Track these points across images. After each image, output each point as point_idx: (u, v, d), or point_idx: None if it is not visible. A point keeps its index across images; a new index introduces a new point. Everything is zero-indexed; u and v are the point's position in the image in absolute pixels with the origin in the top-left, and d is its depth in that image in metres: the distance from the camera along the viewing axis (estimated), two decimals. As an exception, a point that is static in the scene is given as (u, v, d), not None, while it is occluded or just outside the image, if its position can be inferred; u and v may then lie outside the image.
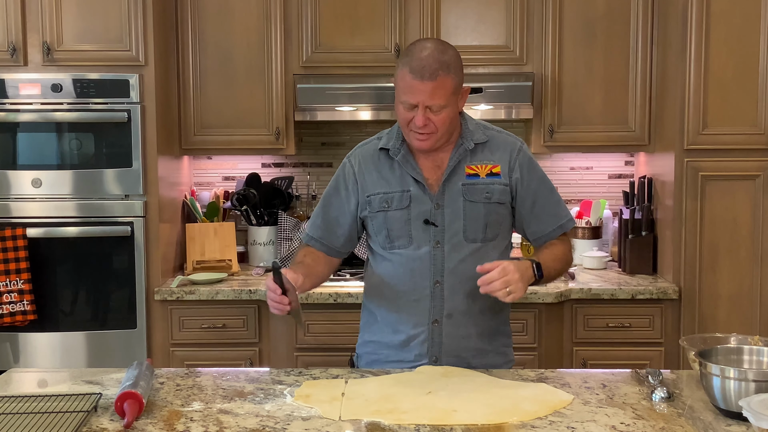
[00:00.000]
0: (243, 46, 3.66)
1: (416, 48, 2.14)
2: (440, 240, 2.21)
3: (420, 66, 2.08)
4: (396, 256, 2.24)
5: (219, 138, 3.70)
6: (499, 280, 2.01)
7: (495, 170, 2.23)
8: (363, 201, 2.27)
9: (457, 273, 2.21)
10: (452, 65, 2.12)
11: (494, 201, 2.22)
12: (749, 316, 3.36)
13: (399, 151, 2.24)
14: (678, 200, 3.38)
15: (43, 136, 3.41)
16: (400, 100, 2.14)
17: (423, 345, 2.23)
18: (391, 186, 2.24)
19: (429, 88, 2.08)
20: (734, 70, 3.30)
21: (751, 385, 1.75)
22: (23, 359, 3.42)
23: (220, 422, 1.82)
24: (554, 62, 3.62)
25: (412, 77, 2.09)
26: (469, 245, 2.21)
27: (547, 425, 1.78)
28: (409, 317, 2.23)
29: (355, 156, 2.32)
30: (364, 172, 2.28)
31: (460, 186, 2.21)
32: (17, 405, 1.91)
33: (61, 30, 3.38)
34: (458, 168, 2.22)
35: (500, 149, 2.25)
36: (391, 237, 2.24)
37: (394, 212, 2.22)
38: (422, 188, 2.21)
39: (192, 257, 3.72)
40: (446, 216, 2.21)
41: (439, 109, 2.11)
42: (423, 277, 2.22)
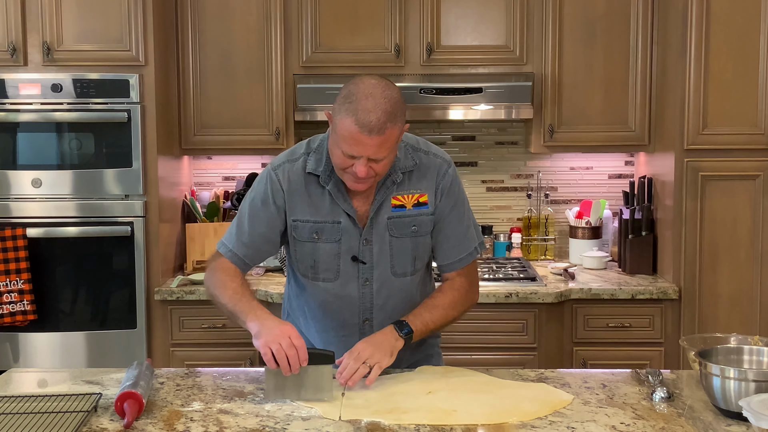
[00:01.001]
0: (243, 46, 3.65)
1: (360, 94, 1.96)
2: (369, 278, 2.15)
3: (367, 120, 1.93)
4: (320, 290, 2.18)
5: (219, 138, 3.69)
6: (353, 365, 1.97)
7: (422, 200, 2.15)
8: (290, 224, 2.15)
9: (386, 309, 2.18)
10: (397, 113, 1.98)
11: (422, 233, 2.16)
12: (749, 316, 3.36)
13: (329, 179, 2.11)
14: (678, 200, 3.38)
15: (43, 136, 3.41)
16: (341, 148, 1.98)
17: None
18: (321, 215, 2.12)
19: (376, 142, 1.94)
20: (734, 70, 3.30)
21: (751, 385, 1.75)
22: (23, 359, 3.42)
23: (220, 422, 1.82)
24: (554, 62, 3.62)
25: (359, 130, 1.93)
26: (398, 280, 2.17)
27: (547, 425, 1.78)
28: (338, 349, 2.11)
29: (284, 172, 2.14)
30: (293, 193, 2.13)
31: (386, 220, 2.13)
32: (17, 405, 1.91)
33: (61, 30, 3.38)
34: (385, 201, 2.13)
35: (427, 176, 2.15)
36: (316, 269, 2.15)
37: (324, 245, 2.13)
38: (352, 221, 2.12)
39: (192, 257, 3.72)
40: (374, 253, 2.14)
41: (382, 160, 2.00)
42: (352, 315, 2.18)
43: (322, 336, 2.23)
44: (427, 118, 3.66)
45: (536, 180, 4.01)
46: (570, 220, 3.89)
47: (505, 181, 4.04)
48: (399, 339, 2.06)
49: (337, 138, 2.00)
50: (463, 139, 4.04)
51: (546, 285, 3.40)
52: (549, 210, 3.98)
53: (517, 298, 3.29)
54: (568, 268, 3.61)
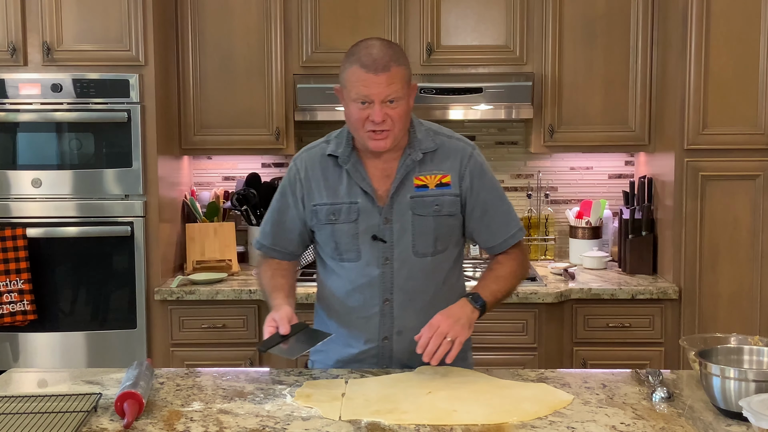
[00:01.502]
0: (243, 46, 3.66)
1: (361, 46, 2.10)
2: (389, 257, 2.16)
3: (372, 60, 2.04)
4: (345, 270, 2.19)
5: (219, 138, 3.70)
6: (433, 338, 1.98)
7: (444, 180, 2.16)
8: (309, 210, 2.19)
9: (406, 290, 2.17)
10: (401, 56, 2.10)
11: (444, 213, 2.16)
12: (749, 316, 3.36)
13: (348, 159, 2.16)
14: (678, 200, 3.38)
15: (43, 136, 3.41)
16: (353, 99, 2.07)
17: (373, 359, 2.21)
18: (339, 196, 2.16)
19: (384, 79, 2.03)
20: (734, 70, 3.30)
21: (751, 385, 1.75)
22: (23, 359, 3.42)
23: (220, 422, 1.82)
24: (554, 62, 3.62)
25: (365, 71, 2.03)
26: (419, 260, 2.16)
27: (547, 425, 1.78)
28: (360, 333, 2.19)
29: (302, 160, 2.22)
30: (310, 178, 2.19)
31: (408, 199, 2.14)
32: (17, 405, 1.91)
33: (61, 30, 3.38)
34: (407, 179, 2.15)
35: (450, 157, 2.18)
36: (339, 250, 2.18)
37: (342, 225, 2.15)
38: (371, 200, 2.14)
39: (192, 257, 3.72)
40: (395, 231, 2.14)
41: (396, 102, 2.06)
42: (372, 296, 2.18)
43: (344, 319, 2.23)
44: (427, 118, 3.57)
45: (536, 180, 4.01)
46: (570, 220, 3.89)
47: (505, 181, 4.04)
48: (475, 311, 2.08)
49: (348, 94, 2.08)
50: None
51: (546, 285, 3.40)
52: (549, 210, 3.98)
53: (517, 298, 3.29)
54: (568, 268, 3.61)
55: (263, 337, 2.03)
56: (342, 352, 2.24)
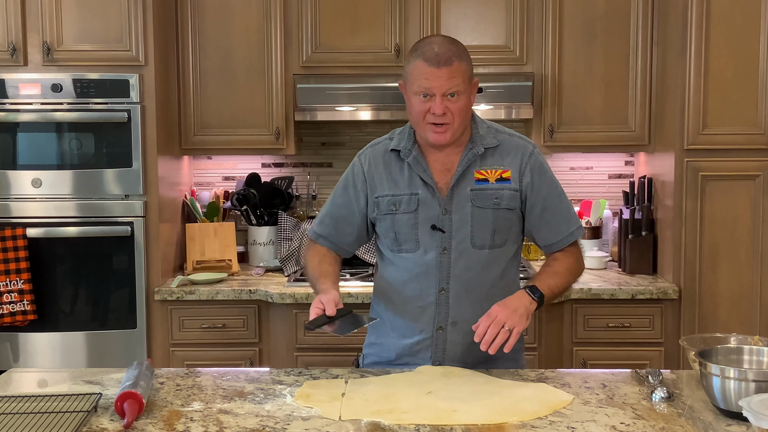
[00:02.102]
0: (243, 46, 3.66)
1: (425, 42, 2.16)
2: (447, 246, 2.19)
3: (434, 54, 2.09)
4: (403, 261, 2.23)
5: (219, 138, 3.70)
6: (492, 326, 2.00)
7: (505, 175, 2.20)
8: (372, 202, 2.25)
9: (462, 280, 2.20)
10: (464, 53, 2.15)
11: (503, 207, 2.19)
12: (749, 316, 3.36)
13: (410, 152, 2.21)
14: (678, 200, 3.38)
15: (43, 136, 3.41)
16: (415, 92, 2.13)
17: (427, 351, 2.23)
18: (400, 188, 2.21)
19: (446, 73, 2.09)
20: (734, 70, 3.30)
21: (751, 385, 1.75)
22: (23, 359, 3.42)
23: (220, 422, 1.82)
24: (554, 62, 3.62)
25: (428, 65, 2.09)
26: (476, 252, 2.19)
27: (547, 425, 1.78)
28: (415, 323, 2.23)
29: (366, 155, 2.29)
30: (373, 172, 2.25)
31: (468, 191, 2.18)
32: (17, 405, 1.91)
33: (61, 30, 3.38)
34: (467, 172, 2.19)
35: (511, 154, 2.22)
36: (398, 240, 2.22)
37: (402, 215, 2.20)
38: (431, 192, 2.19)
39: (192, 257, 3.72)
40: (454, 222, 2.18)
41: (456, 96, 2.11)
42: (428, 284, 2.20)
43: (400, 309, 2.24)
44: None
45: (536, 180, 4.00)
46: (570, 220, 3.88)
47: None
48: (533, 302, 2.10)
49: (411, 87, 2.14)
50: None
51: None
52: (549, 210, 3.97)
53: (517, 298, 3.29)
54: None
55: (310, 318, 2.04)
56: (397, 344, 2.26)
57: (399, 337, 2.26)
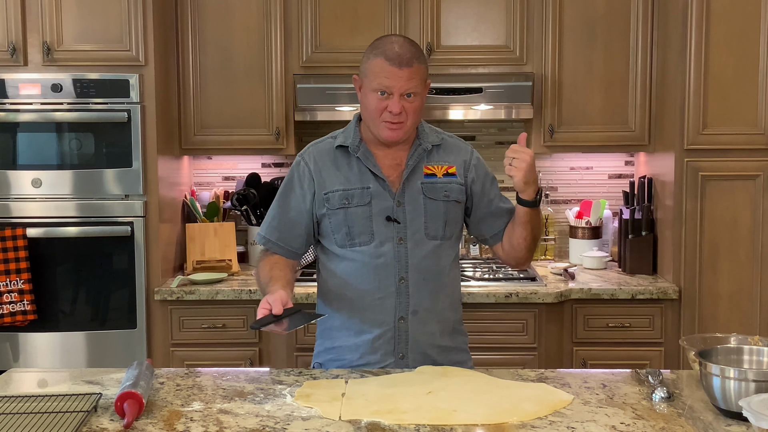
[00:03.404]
0: (243, 46, 3.66)
1: (386, 40, 2.21)
2: (403, 236, 2.22)
3: (396, 54, 2.14)
4: (357, 254, 2.22)
5: (219, 138, 3.70)
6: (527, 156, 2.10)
7: (451, 171, 2.28)
8: (320, 198, 2.24)
9: (420, 269, 2.22)
10: (422, 55, 2.21)
11: (452, 199, 2.26)
12: (749, 316, 3.36)
13: (358, 148, 2.25)
14: (678, 200, 3.38)
15: (43, 136, 3.41)
16: (374, 89, 2.16)
17: (389, 343, 2.22)
18: (351, 183, 2.23)
19: (406, 74, 2.14)
20: (734, 70, 3.30)
21: (751, 385, 1.75)
22: (23, 359, 3.42)
23: (220, 422, 1.82)
24: (554, 62, 3.62)
25: (389, 64, 2.14)
26: (429, 242, 2.24)
27: (547, 425, 1.78)
28: (375, 316, 2.22)
29: (310, 154, 2.30)
30: (320, 169, 2.25)
31: (419, 184, 2.24)
32: (17, 405, 1.91)
33: (61, 30, 3.38)
34: (417, 168, 2.26)
35: (453, 152, 2.32)
36: (351, 234, 2.22)
37: (356, 209, 2.21)
38: (383, 185, 2.22)
39: (192, 257, 3.72)
40: (407, 213, 2.22)
41: (413, 97, 2.17)
42: (387, 274, 2.21)
43: (356, 305, 2.24)
44: (427, 118, 3.63)
45: (536, 180, 4.00)
46: (570, 220, 3.89)
47: (504, 181, 4.03)
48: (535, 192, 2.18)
49: (370, 84, 2.18)
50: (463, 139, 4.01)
51: (546, 285, 3.40)
52: (549, 210, 3.98)
53: (517, 298, 3.29)
54: (568, 268, 3.61)
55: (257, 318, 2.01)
56: (356, 342, 2.24)
57: (356, 335, 2.24)
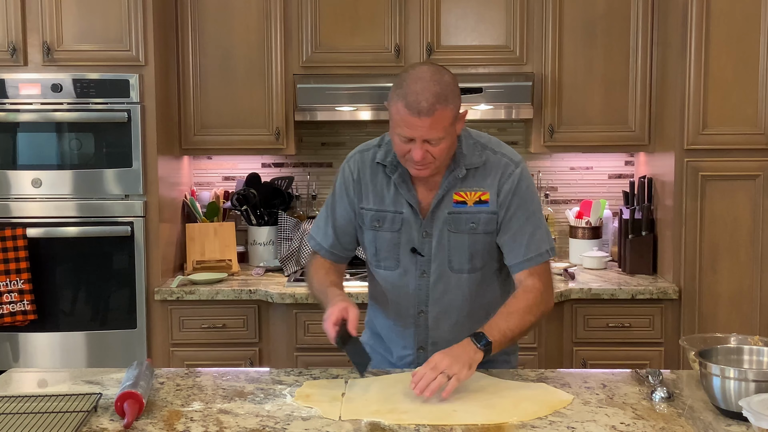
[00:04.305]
0: (243, 46, 3.66)
1: (410, 79, 2.01)
2: (426, 270, 2.17)
3: (416, 101, 1.97)
4: (382, 278, 2.23)
5: (219, 138, 3.70)
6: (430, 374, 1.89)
7: (483, 198, 2.14)
8: (358, 212, 2.22)
9: (441, 303, 2.19)
10: (449, 95, 2.01)
11: (480, 231, 2.14)
12: (749, 316, 3.36)
13: (395, 169, 2.16)
14: (678, 200, 3.38)
15: (43, 136, 3.41)
16: (396, 133, 2.04)
17: (411, 366, 2.23)
18: (385, 204, 2.18)
19: (427, 123, 1.98)
20: (734, 70, 3.30)
21: (751, 385, 1.75)
22: (23, 359, 3.42)
23: (220, 422, 1.82)
24: (554, 62, 3.62)
25: (409, 113, 1.98)
26: (455, 275, 2.17)
27: (547, 425, 1.78)
28: (398, 340, 2.25)
29: (355, 162, 2.24)
30: (361, 180, 2.21)
31: (446, 215, 2.14)
32: (17, 405, 1.91)
33: (61, 30, 3.38)
34: (447, 195, 2.15)
35: (491, 174, 2.15)
36: (378, 257, 2.21)
37: (385, 233, 2.18)
38: (414, 213, 2.15)
39: (192, 257, 3.72)
40: (433, 246, 2.16)
41: (438, 141, 2.02)
42: (407, 306, 2.20)
43: (384, 323, 2.26)
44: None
45: (536, 180, 4.00)
46: (570, 220, 3.89)
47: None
48: (478, 351, 1.97)
49: (392, 127, 2.06)
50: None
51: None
52: (549, 210, 3.98)
53: (517, 298, 3.28)
54: (568, 268, 3.61)
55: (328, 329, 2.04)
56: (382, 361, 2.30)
57: (385, 351, 2.30)
